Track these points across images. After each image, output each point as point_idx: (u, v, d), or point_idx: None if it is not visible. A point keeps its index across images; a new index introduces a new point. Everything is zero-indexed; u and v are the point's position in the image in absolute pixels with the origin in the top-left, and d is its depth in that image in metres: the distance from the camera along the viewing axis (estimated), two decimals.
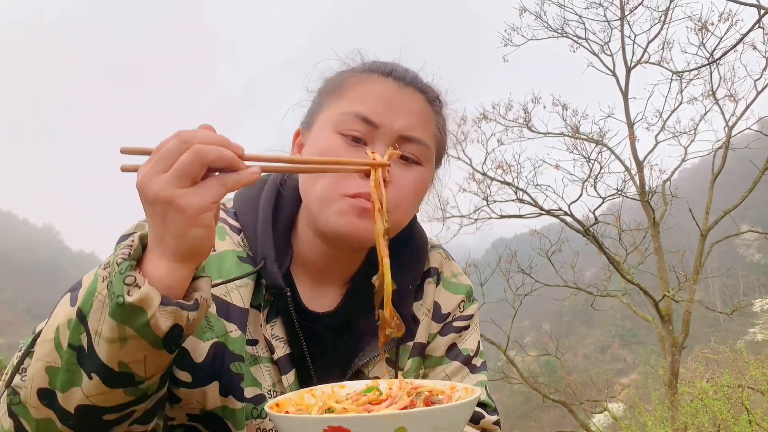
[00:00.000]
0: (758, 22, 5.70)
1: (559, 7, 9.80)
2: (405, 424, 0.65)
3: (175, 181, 0.70)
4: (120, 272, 0.71)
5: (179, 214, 0.71)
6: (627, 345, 70.58)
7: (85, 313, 0.74)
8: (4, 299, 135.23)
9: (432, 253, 1.20)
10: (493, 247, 11.92)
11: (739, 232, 10.29)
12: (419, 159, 1.02)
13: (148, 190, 0.71)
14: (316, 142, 1.01)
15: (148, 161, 0.73)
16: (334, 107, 1.01)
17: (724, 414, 6.67)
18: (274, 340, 1.00)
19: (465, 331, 1.18)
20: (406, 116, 1.00)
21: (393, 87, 1.01)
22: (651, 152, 10.12)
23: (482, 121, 9.98)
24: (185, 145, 0.71)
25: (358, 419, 0.66)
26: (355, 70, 1.06)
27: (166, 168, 0.71)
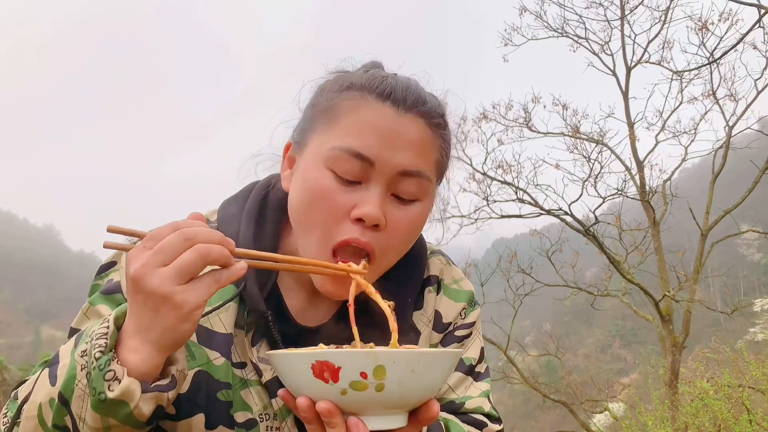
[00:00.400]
0: (758, 21, 5.70)
1: (559, 7, 9.81)
2: (384, 362, 0.71)
3: (175, 277, 0.71)
4: (99, 368, 0.71)
5: (174, 310, 0.71)
6: (627, 345, 70.61)
7: (66, 397, 0.74)
8: (3, 299, 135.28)
9: (432, 259, 1.16)
10: (494, 246, 11.91)
11: (740, 231, 10.28)
12: (417, 196, 0.95)
13: (145, 283, 0.71)
14: (306, 177, 0.93)
15: (139, 248, 0.73)
16: (326, 136, 0.93)
17: (724, 414, 6.66)
18: (261, 363, 0.97)
19: (467, 339, 1.14)
20: (404, 149, 0.91)
21: (391, 115, 0.91)
22: (651, 152, 10.13)
23: (482, 120, 9.98)
24: (188, 243, 0.72)
25: (342, 354, 0.72)
26: (351, 86, 0.95)
27: (165, 262, 0.71)
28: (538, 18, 10.02)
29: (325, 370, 0.72)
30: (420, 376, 0.74)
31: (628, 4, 9.56)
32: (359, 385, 0.72)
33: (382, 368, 0.71)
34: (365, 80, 0.95)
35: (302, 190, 0.93)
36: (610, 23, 9.87)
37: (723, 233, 10.17)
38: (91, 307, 0.96)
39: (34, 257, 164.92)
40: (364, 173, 0.90)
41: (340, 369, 0.71)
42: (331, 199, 0.90)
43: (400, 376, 0.72)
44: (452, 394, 1.09)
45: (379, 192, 0.90)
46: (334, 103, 0.95)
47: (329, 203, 0.90)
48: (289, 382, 0.80)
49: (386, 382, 0.72)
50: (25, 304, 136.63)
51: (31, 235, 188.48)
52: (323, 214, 0.91)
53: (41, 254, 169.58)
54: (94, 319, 0.94)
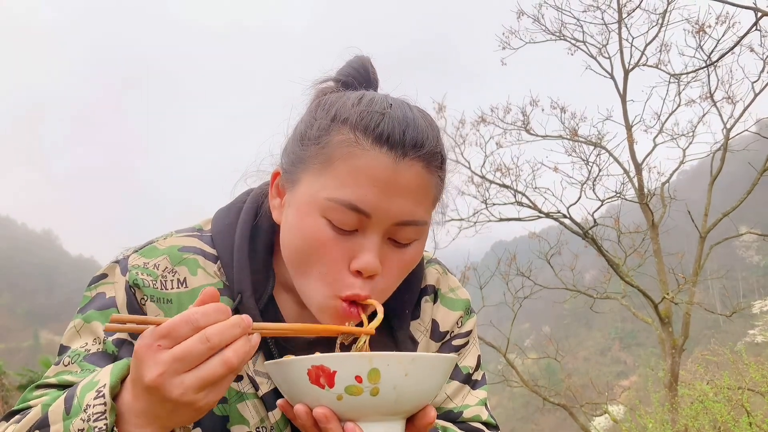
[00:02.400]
0: (755, 24, 5.73)
1: (556, 10, 9.85)
2: (378, 365, 0.72)
3: (200, 387, 0.69)
4: None
5: (195, 412, 0.71)
6: (627, 347, 70.60)
7: None
8: (2, 304, 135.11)
9: (428, 269, 1.14)
10: (493, 249, 11.94)
11: (738, 233, 10.31)
12: (413, 239, 0.93)
13: (166, 392, 0.68)
14: (302, 223, 0.90)
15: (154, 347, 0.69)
16: (322, 181, 0.89)
17: (724, 416, 6.67)
18: (257, 377, 0.96)
19: (464, 348, 1.14)
20: (402, 200, 0.88)
21: (388, 164, 0.86)
22: (649, 155, 10.16)
23: (481, 124, 10.02)
24: (212, 350, 0.69)
25: (337, 358, 0.72)
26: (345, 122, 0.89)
27: (186, 369, 0.68)
28: (536, 21, 10.07)
29: (321, 375, 0.72)
30: (415, 380, 0.74)
31: (625, 8, 9.60)
32: (354, 389, 0.72)
33: (377, 371, 0.71)
34: (359, 117, 0.89)
35: (297, 236, 0.91)
36: (607, 26, 9.91)
37: (722, 235, 10.18)
38: (84, 324, 0.94)
39: (32, 262, 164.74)
40: (361, 223, 0.88)
41: (336, 373, 0.72)
42: (328, 249, 0.88)
43: (395, 379, 0.73)
44: (450, 404, 1.08)
45: (375, 241, 0.89)
46: (327, 143, 0.90)
47: (327, 253, 0.89)
48: (286, 391, 0.80)
49: (381, 386, 0.72)
50: (23, 309, 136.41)
51: (30, 240, 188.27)
52: (322, 263, 0.89)
53: (40, 259, 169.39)
54: (86, 336, 0.93)
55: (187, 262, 0.98)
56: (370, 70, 1.01)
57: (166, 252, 0.98)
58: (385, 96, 0.94)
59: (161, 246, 0.99)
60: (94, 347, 0.91)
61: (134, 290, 0.94)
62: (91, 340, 0.92)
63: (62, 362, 0.91)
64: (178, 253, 0.99)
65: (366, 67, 1.01)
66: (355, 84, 0.99)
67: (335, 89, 0.99)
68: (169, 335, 0.69)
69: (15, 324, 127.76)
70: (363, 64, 1.01)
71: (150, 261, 0.97)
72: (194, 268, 0.98)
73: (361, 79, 1.00)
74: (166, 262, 0.97)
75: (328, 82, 1.01)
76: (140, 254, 0.98)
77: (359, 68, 1.00)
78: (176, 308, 0.93)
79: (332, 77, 1.01)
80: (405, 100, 0.95)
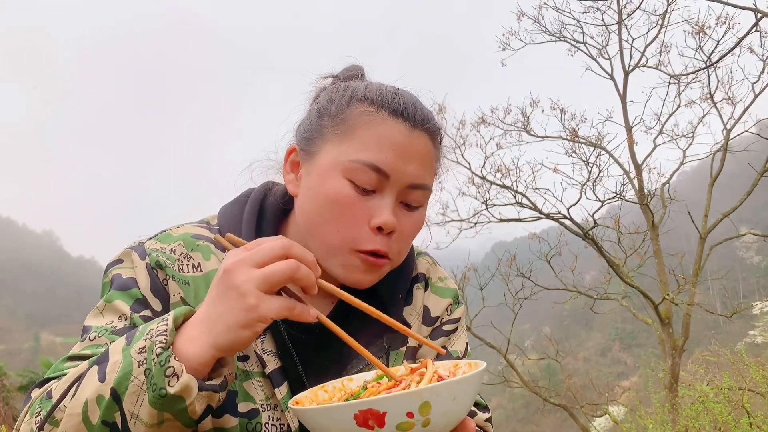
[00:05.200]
0: (755, 25, 5.73)
1: (556, 12, 9.86)
2: (429, 398, 0.71)
3: (260, 282, 0.74)
4: (160, 363, 0.74)
5: (244, 311, 0.74)
6: (627, 348, 70.54)
7: (120, 393, 0.75)
8: (3, 305, 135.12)
9: (419, 259, 1.23)
10: (493, 250, 11.95)
11: (738, 234, 10.31)
12: (421, 203, 1.04)
13: (233, 276, 0.75)
14: (324, 185, 0.99)
15: (242, 248, 0.78)
16: (343, 147, 0.99)
17: (724, 417, 6.66)
18: (265, 355, 1.00)
19: (453, 333, 1.21)
20: (415, 164, 1.00)
21: (404, 132, 0.99)
22: (649, 155, 10.18)
23: (481, 125, 10.02)
24: (284, 252, 0.76)
25: (387, 399, 0.71)
26: (363, 100, 1.01)
27: (258, 264, 0.75)
28: (536, 22, 10.09)
29: (369, 418, 0.70)
30: (461, 402, 0.75)
31: (625, 9, 9.61)
32: (406, 425, 0.71)
33: (428, 404, 0.71)
34: (376, 94, 1.01)
35: (320, 197, 0.99)
36: (607, 27, 9.93)
37: (722, 236, 10.19)
38: (107, 305, 0.97)
39: (33, 263, 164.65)
40: (380, 184, 0.98)
41: (386, 414, 0.70)
42: (350, 207, 0.97)
43: (445, 407, 0.72)
44: None
45: (392, 201, 0.99)
46: (348, 116, 1.01)
47: (349, 211, 0.97)
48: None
49: (432, 416, 0.72)
50: (24, 310, 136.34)
51: (31, 241, 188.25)
52: (344, 220, 0.97)
53: (41, 260, 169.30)
54: (110, 315, 0.95)
55: (201, 248, 1.03)
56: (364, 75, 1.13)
57: (180, 238, 1.04)
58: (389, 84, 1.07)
59: (175, 233, 1.05)
60: (120, 324, 0.94)
61: (157, 271, 0.98)
62: (116, 318, 0.95)
63: (88, 338, 0.93)
64: (192, 239, 1.04)
65: (360, 74, 1.13)
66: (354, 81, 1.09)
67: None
68: (258, 242, 0.78)
69: (15, 325, 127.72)
70: (358, 71, 1.13)
71: (167, 246, 1.02)
72: (208, 253, 1.04)
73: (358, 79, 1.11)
74: (181, 247, 1.02)
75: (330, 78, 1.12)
76: (156, 240, 1.03)
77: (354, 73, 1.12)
78: (193, 291, 0.99)
79: (333, 74, 1.13)
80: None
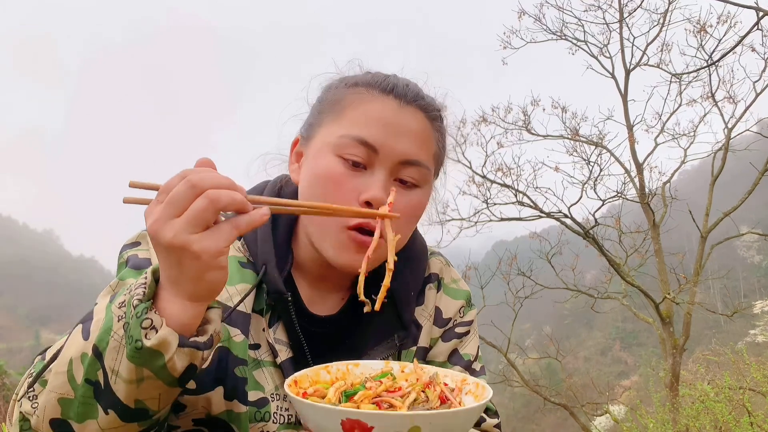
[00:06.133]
0: (757, 23, 5.72)
1: (557, 10, 9.84)
2: (419, 424, 0.70)
3: (188, 227, 0.70)
4: (137, 315, 0.72)
5: (195, 260, 0.71)
6: (628, 347, 70.52)
7: (101, 350, 0.74)
8: (3, 304, 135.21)
9: (432, 259, 1.22)
10: (494, 249, 11.93)
11: (739, 233, 10.30)
12: (418, 182, 1.02)
13: (161, 236, 0.71)
14: (316, 164, 1.00)
15: (154, 203, 0.73)
16: (334, 127, 1.00)
17: (725, 416, 6.66)
18: (277, 344, 1.02)
19: (465, 336, 1.20)
20: (406, 139, 0.99)
21: (394, 107, 0.99)
22: (650, 154, 10.15)
23: (482, 123, 9.99)
24: (195, 190, 0.71)
25: (376, 416, 0.70)
26: (356, 84, 1.04)
27: (177, 213, 0.71)
28: (537, 21, 10.06)
29: (356, 428, 0.70)
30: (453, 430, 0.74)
31: (626, 7, 9.59)
32: None
33: (417, 429, 0.70)
34: (369, 78, 1.04)
35: (312, 175, 1.00)
36: (608, 26, 9.90)
37: (723, 235, 10.17)
38: (120, 282, 0.97)
39: (33, 262, 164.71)
40: (370, 159, 0.97)
41: (373, 429, 0.69)
42: (340, 183, 0.97)
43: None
44: None
45: (383, 177, 0.97)
46: (341, 98, 1.03)
47: (339, 187, 0.97)
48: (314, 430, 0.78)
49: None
50: (25, 309, 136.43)
51: (31, 240, 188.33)
52: (334, 197, 0.97)
53: (41, 259, 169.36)
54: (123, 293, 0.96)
55: None
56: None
57: None
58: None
59: None
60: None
61: None
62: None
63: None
64: None
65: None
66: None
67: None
68: (165, 190, 0.72)
69: (16, 324, 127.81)
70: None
71: None
72: None
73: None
74: None
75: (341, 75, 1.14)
76: None
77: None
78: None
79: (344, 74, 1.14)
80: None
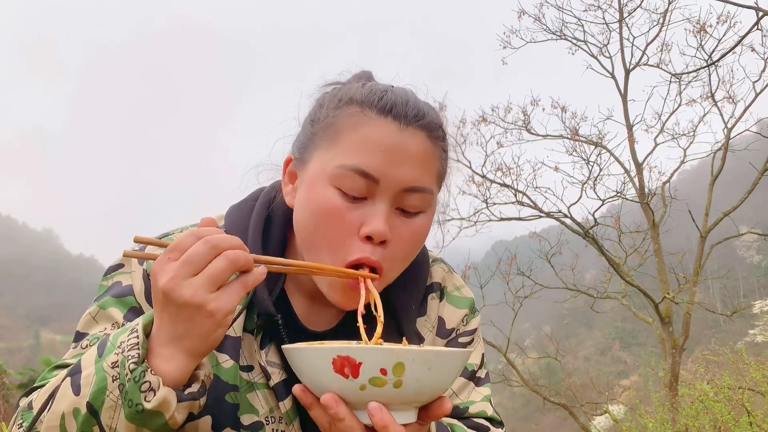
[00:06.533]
0: (757, 24, 5.73)
1: (557, 10, 9.85)
2: (403, 359, 0.73)
3: (207, 286, 0.72)
4: (134, 380, 0.73)
5: (209, 318, 0.73)
6: (627, 347, 70.60)
7: (96, 408, 0.74)
8: (3, 303, 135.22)
9: (434, 267, 1.18)
10: (493, 249, 11.95)
11: (739, 233, 10.31)
12: (421, 208, 0.96)
13: (178, 294, 0.72)
14: (313, 195, 0.93)
15: (164, 260, 0.74)
16: (329, 153, 0.93)
17: (724, 416, 6.66)
18: (269, 367, 0.98)
19: (469, 345, 1.17)
20: (408, 166, 0.92)
21: (393, 130, 0.91)
22: (650, 154, 10.17)
23: (481, 123, 10.01)
24: (215, 251, 0.73)
25: (364, 350, 0.74)
26: (351, 101, 0.95)
27: (195, 272, 0.72)
28: (537, 21, 10.08)
29: (345, 365, 0.74)
30: (436, 374, 0.77)
31: (626, 7, 9.61)
32: (378, 381, 0.74)
33: (402, 365, 0.73)
34: (365, 94, 0.95)
35: (309, 208, 0.94)
36: (608, 26, 9.93)
37: (722, 235, 10.19)
38: (101, 311, 0.95)
39: (33, 261, 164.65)
40: (370, 190, 0.91)
41: (361, 365, 0.73)
42: (339, 217, 0.91)
43: (418, 373, 0.75)
44: (456, 399, 1.11)
45: (384, 208, 0.91)
46: (335, 120, 0.95)
47: (338, 221, 0.91)
48: (307, 377, 0.80)
49: (404, 379, 0.74)
50: (24, 309, 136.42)
51: (31, 240, 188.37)
52: (332, 231, 0.91)
53: (41, 258, 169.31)
54: (104, 322, 0.94)
55: None
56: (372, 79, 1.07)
57: None
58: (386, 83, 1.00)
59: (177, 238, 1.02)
60: (113, 332, 0.91)
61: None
62: (110, 326, 0.94)
63: (80, 345, 0.92)
64: None
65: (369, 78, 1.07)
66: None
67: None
68: (177, 248, 0.74)
69: (16, 323, 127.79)
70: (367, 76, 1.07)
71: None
72: None
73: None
74: None
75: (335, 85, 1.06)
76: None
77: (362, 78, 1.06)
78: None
79: (339, 81, 1.07)
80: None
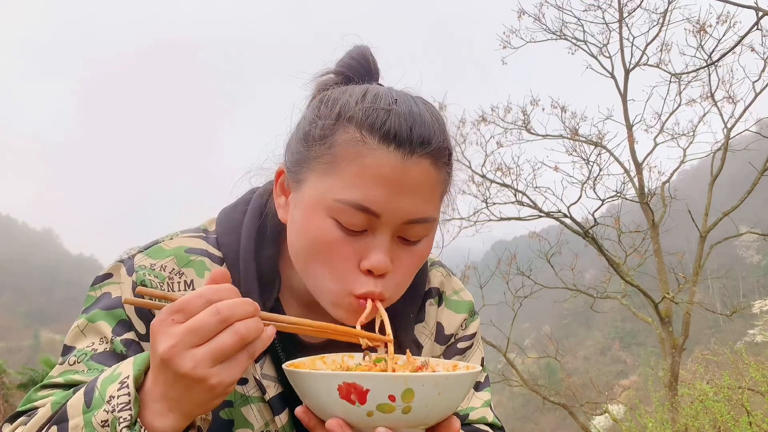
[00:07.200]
0: (756, 23, 5.73)
1: (557, 10, 9.85)
2: (413, 386, 0.71)
3: (211, 361, 0.68)
4: None
5: (208, 391, 0.69)
6: (627, 347, 70.60)
7: None
8: (2, 303, 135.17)
9: (432, 271, 1.14)
10: (493, 249, 11.94)
11: (739, 233, 10.31)
12: (423, 236, 0.92)
13: (178, 365, 0.67)
14: (309, 224, 0.88)
15: (167, 321, 0.69)
16: (327, 181, 0.87)
17: (724, 416, 6.67)
18: (264, 380, 0.95)
19: (468, 350, 1.14)
20: (411, 199, 0.86)
21: (396, 162, 0.84)
22: (650, 154, 10.17)
23: (481, 123, 10.01)
24: (223, 324, 0.68)
25: (371, 377, 0.71)
26: (350, 119, 0.87)
27: (199, 342, 0.68)
28: (537, 21, 10.07)
29: (352, 392, 0.71)
30: (445, 397, 0.75)
31: (626, 7, 9.60)
32: (386, 407, 0.72)
33: (411, 391, 0.71)
34: (364, 115, 0.86)
35: (306, 236, 0.89)
36: (608, 26, 9.92)
37: (722, 235, 10.18)
38: (89, 324, 0.92)
39: (33, 261, 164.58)
40: (370, 224, 0.87)
41: (368, 391, 0.71)
42: (337, 250, 0.87)
43: (428, 398, 0.73)
44: None
45: (385, 240, 0.87)
46: (333, 143, 0.87)
47: (336, 254, 0.87)
48: (310, 400, 0.78)
49: (413, 404, 0.72)
50: (24, 308, 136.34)
51: (31, 239, 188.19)
52: (332, 263, 0.88)
53: (40, 258, 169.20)
54: (92, 336, 0.92)
55: (194, 264, 0.96)
56: (370, 60, 0.98)
57: (172, 253, 0.96)
58: (389, 90, 0.91)
59: (168, 247, 0.97)
60: (101, 347, 0.90)
61: None
62: (98, 340, 0.91)
63: (67, 362, 0.89)
64: (185, 254, 0.97)
65: (366, 58, 0.98)
66: (355, 77, 0.96)
67: (336, 82, 0.97)
68: (183, 310, 0.69)
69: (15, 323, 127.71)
70: (363, 54, 0.98)
71: (157, 262, 0.95)
72: (201, 270, 0.97)
73: (362, 70, 0.97)
74: (173, 263, 0.95)
75: (329, 75, 0.98)
76: (147, 254, 0.96)
77: (359, 59, 0.98)
78: None
79: (332, 70, 0.99)
80: (409, 93, 0.93)
